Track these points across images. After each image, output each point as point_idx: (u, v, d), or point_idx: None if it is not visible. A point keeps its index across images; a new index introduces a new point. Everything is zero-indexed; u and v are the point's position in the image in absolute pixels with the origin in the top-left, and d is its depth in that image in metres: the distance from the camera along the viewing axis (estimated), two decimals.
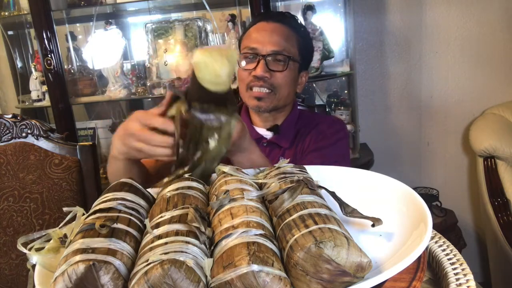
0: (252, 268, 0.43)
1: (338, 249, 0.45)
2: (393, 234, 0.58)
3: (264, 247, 0.47)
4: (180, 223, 0.51)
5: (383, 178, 0.72)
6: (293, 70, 1.19)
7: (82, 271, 0.44)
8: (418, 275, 0.52)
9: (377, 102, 2.31)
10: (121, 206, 0.57)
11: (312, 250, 0.45)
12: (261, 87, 1.16)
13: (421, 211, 0.58)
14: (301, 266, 0.45)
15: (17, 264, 1.27)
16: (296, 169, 0.69)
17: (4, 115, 1.35)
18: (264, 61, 1.15)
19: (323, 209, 0.53)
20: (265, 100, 1.17)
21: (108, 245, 0.48)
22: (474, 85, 2.19)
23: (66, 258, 0.46)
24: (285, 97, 1.20)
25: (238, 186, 0.61)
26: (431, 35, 2.18)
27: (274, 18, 1.21)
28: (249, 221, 0.51)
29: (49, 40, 1.91)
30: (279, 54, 1.16)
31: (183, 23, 2.08)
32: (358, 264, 0.45)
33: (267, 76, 1.15)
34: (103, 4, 2.01)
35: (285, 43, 1.17)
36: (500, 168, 1.92)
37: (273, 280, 0.43)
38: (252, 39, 1.19)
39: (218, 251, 0.47)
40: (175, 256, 0.44)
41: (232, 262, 0.44)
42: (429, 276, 0.66)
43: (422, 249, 0.50)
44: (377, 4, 2.19)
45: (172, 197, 0.60)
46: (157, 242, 0.47)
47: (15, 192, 1.29)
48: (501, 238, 1.82)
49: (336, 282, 0.45)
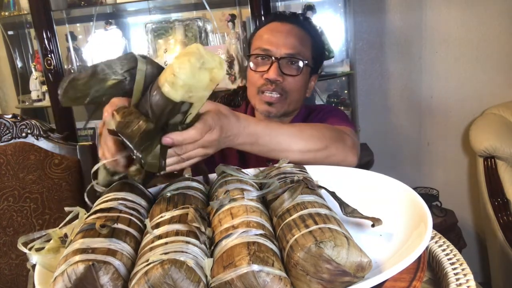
0: (252, 268, 0.43)
1: (338, 249, 0.45)
2: (393, 234, 0.58)
3: (264, 247, 0.47)
4: (180, 223, 0.51)
5: (383, 178, 0.72)
6: (305, 74, 1.15)
7: (82, 271, 0.44)
8: (418, 275, 0.52)
9: (377, 102, 2.30)
10: (121, 206, 0.57)
11: (313, 250, 0.45)
12: (273, 91, 1.11)
13: (421, 211, 0.58)
14: (301, 266, 0.45)
15: (17, 264, 1.27)
16: (296, 169, 0.69)
17: (4, 115, 1.35)
18: (277, 64, 1.10)
19: (323, 209, 0.53)
20: (276, 106, 1.13)
21: (108, 245, 0.48)
22: (474, 85, 2.19)
23: (66, 258, 0.46)
24: (295, 102, 1.16)
25: (238, 186, 0.62)
26: (431, 35, 2.18)
27: (288, 19, 1.17)
28: (249, 221, 0.51)
29: (49, 40, 1.91)
30: (294, 57, 1.11)
31: (183, 23, 2.08)
32: (358, 264, 0.46)
33: (279, 80, 1.10)
34: (103, 4, 2.01)
35: (299, 46, 1.12)
36: (500, 168, 1.92)
37: (273, 280, 0.43)
38: (265, 40, 1.13)
39: (218, 251, 0.47)
40: (175, 256, 0.44)
41: (232, 262, 0.44)
42: (429, 276, 0.66)
43: (422, 249, 0.50)
44: (377, 4, 2.19)
45: (172, 197, 0.60)
46: (157, 242, 0.47)
47: (15, 192, 1.29)
48: (501, 238, 1.82)
49: (336, 282, 0.45)
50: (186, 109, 0.61)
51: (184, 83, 0.56)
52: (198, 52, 0.57)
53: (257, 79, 1.13)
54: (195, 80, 0.57)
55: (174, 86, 0.57)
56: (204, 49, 0.58)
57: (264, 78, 1.11)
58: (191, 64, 0.56)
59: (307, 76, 1.17)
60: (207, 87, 0.59)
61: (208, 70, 0.58)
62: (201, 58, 0.56)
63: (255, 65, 1.15)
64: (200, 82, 0.58)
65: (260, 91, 1.13)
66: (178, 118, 0.61)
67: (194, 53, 0.57)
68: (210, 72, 0.58)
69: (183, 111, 0.61)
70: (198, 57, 0.56)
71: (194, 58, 0.56)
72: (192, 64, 0.56)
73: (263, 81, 1.12)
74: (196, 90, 0.58)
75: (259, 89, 1.13)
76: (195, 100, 0.60)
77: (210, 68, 0.58)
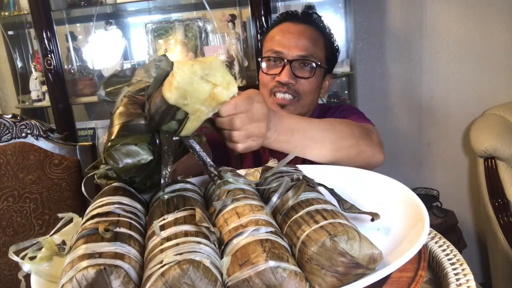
0: (269, 264, 0.44)
1: (351, 242, 0.46)
2: (390, 228, 0.59)
3: (277, 243, 0.47)
4: (186, 224, 0.50)
5: (381, 178, 0.72)
6: (319, 76, 1.12)
7: (93, 276, 0.43)
8: (422, 264, 0.53)
9: (377, 102, 2.30)
10: (119, 210, 0.56)
11: (327, 244, 0.46)
12: (285, 94, 1.08)
13: (418, 211, 0.59)
14: (315, 261, 0.46)
15: (16, 265, 1.26)
16: (291, 168, 0.69)
17: (4, 115, 1.35)
18: (289, 66, 1.07)
19: (328, 205, 0.54)
20: (289, 108, 1.09)
21: (114, 249, 0.47)
22: (474, 86, 2.19)
23: (71, 264, 0.44)
24: (309, 104, 1.13)
25: (239, 186, 0.61)
26: (431, 35, 2.18)
27: (301, 19, 1.13)
28: (257, 219, 0.51)
29: (49, 40, 1.91)
30: (306, 59, 1.09)
31: (183, 23, 2.08)
32: (370, 256, 0.47)
33: (292, 83, 1.08)
34: (103, 4, 2.01)
35: (312, 47, 1.09)
36: (500, 169, 1.92)
37: (290, 275, 0.44)
38: (277, 41, 1.11)
39: (230, 250, 0.48)
40: (190, 256, 0.44)
41: (248, 259, 0.45)
42: (429, 276, 0.66)
43: (424, 239, 0.51)
44: (377, 4, 2.18)
45: (171, 199, 0.59)
46: (167, 244, 0.47)
47: (14, 192, 1.28)
48: (502, 238, 1.82)
49: (350, 274, 0.47)
50: (181, 118, 0.59)
51: (179, 86, 0.55)
52: (208, 62, 0.56)
53: (269, 81, 1.11)
54: (192, 88, 0.55)
55: (170, 86, 0.56)
56: (223, 66, 0.57)
57: (276, 80, 1.09)
58: (192, 69, 0.55)
59: (321, 77, 1.14)
60: (206, 102, 0.57)
61: (211, 84, 0.56)
62: (207, 69, 0.55)
63: (267, 67, 1.12)
64: (198, 92, 0.56)
65: (272, 93, 1.10)
66: (173, 126, 0.60)
67: (203, 62, 0.56)
68: (213, 87, 0.56)
69: (178, 118, 0.59)
70: (204, 66, 0.55)
71: (198, 65, 0.55)
72: (193, 70, 0.55)
73: (275, 83, 1.09)
74: (192, 99, 0.56)
75: (271, 91, 1.10)
76: (190, 110, 0.58)
77: (213, 83, 0.56)
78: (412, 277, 0.51)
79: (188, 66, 0.55)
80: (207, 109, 0.59)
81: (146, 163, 0.59)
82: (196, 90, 0.56)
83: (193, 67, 0.55)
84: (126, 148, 0.58)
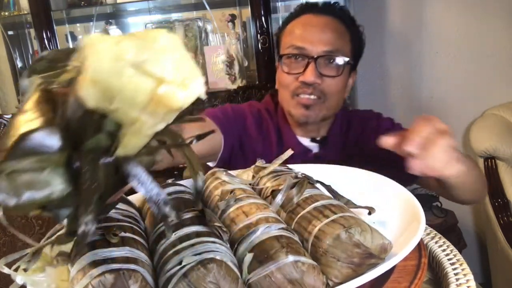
0: (289, 259, 0.45)
1: (364, 234, 0.48)
2: (386, 223, 0.60)
3: (292, 239, 0.49)
4: (195, 225, 0.50)
5: (379, 178, 0.72)
6: (346, 74, 1.01)
7: (112, 282, 0.41)
8: (423, 260, 0.54)
9: (377, 102, 2.30)
10: (117, 214, 0.54)
11: (343, 237, 0.48)
12: (310, 94, 0.98)
13: (414, 210, 0.59)
14: (331, 253, 0.48)
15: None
16: (283, 167, 0.70)
17: (4, 115, 1.35)
18: (314, 64, 0.95)
19: (333, 200, 0.56)
20: (314, 109, 0.99)
21: (125, 253, 0.45)
22: (474, 86, 2.19)
23: (83, 271, 0.42)
24: (335, 106, 1.03)
25: (238, 186, 0.62)
26: (431, 35, 2.18)
27: (323, 10, 1.01)
28: (266, 217, 0.52)
29: (49, 40, 1.91)
30: (333, 55, 0.97)
31: (183, 23, 2.08)
32: (381, 246, 0.49)
33: (318, 82, 0.96)
34: (103, 4, 2.01)
35: (338, 41, 0.98)
36: (500, 169, 1.92)
37: (309, 269, 0.45)
38: (298, 36, 0.98)
39: (245, 248, 0.48)
40: (210, 256, 0.44)
41: (267, 255, 0.46)
42: (429, 276, 0.66)
43: (421, 231, 0.53)
44: (377, 4, 2.18)
45: None
46: (181, 245, 0.46)
47: None
48: (502, 239, 1.82)
49: (364, 264, 0.49)
50: (111, 129, 0.35)
51: (94, 80, 0.32)
52: (149, 40, 0.33)
53: (290, 81, 0.99)
54: (118, 83, 0.32)
55: (82, 79, 0.33)
56: (177, 47, 0.34)
57: (300, 80, 0.97)
58: (115, 51, 0.32)
59: (347, 74, 1.03)
60: (146, 107, 0.33)
61: (155, 79, 0.33)
62: (145, 51, 0.33)
63: (288, 66, 1.00)
64: (128, 90, 0.33)
65: (295, 94, 0.99)
66: (102, 142, 0.35)
67: (138, 37, 0.33)
68: (158, 84, 0.33)
69: (107, 130, 0.35)
70: (140, 46, 0.33)
71: (128, 43, 0.33)
72: (118, 51, 0.32)
73: (298, 84, 0.98)
74: (120, 100, 0.33)
75: (294, 92, 0.99)
76: (121, 116, 0.34)
77: (158, 78, 0.33)
78: (417, 265, 0.53)
79: (109, 44, 0.33)
80: (152, 120, 0.34)
81: (62, 197, 0.35)
82: (125, 86, 0.33)
83: (119, 46, 0.32)
84: (27, 176, 0.34)
